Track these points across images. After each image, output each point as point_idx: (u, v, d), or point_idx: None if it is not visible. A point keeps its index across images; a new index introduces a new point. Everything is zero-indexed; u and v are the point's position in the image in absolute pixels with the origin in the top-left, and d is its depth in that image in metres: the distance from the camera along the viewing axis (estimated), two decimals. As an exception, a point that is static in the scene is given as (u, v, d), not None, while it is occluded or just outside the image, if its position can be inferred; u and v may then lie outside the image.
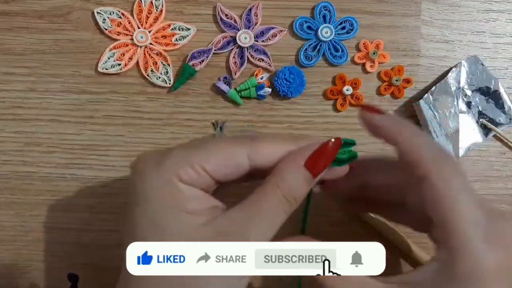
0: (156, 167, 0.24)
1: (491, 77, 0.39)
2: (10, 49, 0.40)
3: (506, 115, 0.39)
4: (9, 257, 0.39)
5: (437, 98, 0.38)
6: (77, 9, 0.40)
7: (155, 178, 0.24)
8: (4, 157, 0.40)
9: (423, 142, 0.25)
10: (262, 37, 0.39)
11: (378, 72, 0.40)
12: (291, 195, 0.24)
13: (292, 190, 0.24)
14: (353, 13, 0.39)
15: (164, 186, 0.24)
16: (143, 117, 0.39)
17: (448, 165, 0.24)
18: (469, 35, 0.40)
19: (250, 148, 0.25)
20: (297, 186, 0.25)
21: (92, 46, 0.40)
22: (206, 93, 0.40)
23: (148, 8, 0.39)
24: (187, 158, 0.24)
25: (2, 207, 0.40)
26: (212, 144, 0.25)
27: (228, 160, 0.25)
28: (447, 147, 0.38)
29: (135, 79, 0.40)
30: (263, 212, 0.24)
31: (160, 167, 0.24)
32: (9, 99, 0.40)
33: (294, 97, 0.39)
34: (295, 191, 0.24)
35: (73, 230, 0.39)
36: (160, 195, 0.24)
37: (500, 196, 0.39)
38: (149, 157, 0.25)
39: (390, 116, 0.27)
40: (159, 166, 0.24)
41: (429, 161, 0.24)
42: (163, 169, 0.24)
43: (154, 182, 0.24)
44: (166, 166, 0.24)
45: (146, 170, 0.24)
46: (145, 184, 0.24)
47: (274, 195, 0.24)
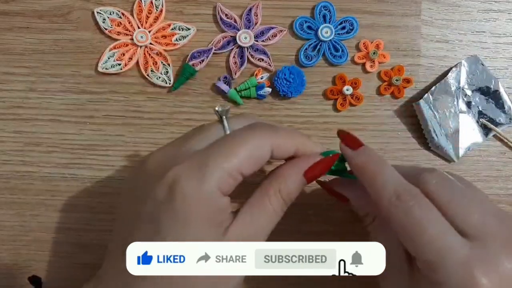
0: (197, 183, 0.23)
1: (491, 77, 0.39)
2: (10, 49, 0.40)
3: (506, 115, 0.39)
4: (9, 257, 0.39)
5: (437, 98, 0.38)
6: (77, 9, 0.40)
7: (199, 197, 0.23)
8: (4, 157, 0.40)
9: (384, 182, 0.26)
10: (262, 37, 0.39)
11: (378, 72, 0.40)
12: (289, 197, 0.26)
13: (291, 193, 0.26)
14: (353, 13, 0.39)
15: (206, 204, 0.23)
16: (143, 117, 0.39)
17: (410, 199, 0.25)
18: (469, 35, 0.40)
19: (275, 140, 0.26)
20: (295, 190, 0.26)
21: (92, 46, 0.40)
22: (206, 93, 0.40)
23: (148, 8, 0.39)
24: (226, 168, 0.24)
25: (2, 207, 0.40)
26: (243, 143, 0.25)
27: (258, 158, 0.25)
28: (447, 147, 0.38)
29: (135, 79, 0.40)
30: (267, 215, 0.25)
31: (203, 184, 0.23)
32: (9, 99, 0.40)
33: (294, 97, 0.39)
34: (293, 194, 0.26)
35: (73, 230, 0.39)
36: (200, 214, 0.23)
37: (500, 196, 0.39)
38: (184, 169, 0.24)
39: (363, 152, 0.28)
40: (201, 182, 0.23)
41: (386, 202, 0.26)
42: (206, 186, 0.23)
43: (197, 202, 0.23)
44: (208, 182, 0.23)
45: (187, 188, 0.23)
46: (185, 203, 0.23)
47: (276, 198, 0.26)
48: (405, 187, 0.26)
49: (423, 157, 0.39)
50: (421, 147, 0.39)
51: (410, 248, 0.25)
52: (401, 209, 0.25)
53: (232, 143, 0.25)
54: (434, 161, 0.39)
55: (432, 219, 0.24)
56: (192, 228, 0.23)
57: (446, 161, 0.39)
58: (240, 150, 0.24)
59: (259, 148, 0.25)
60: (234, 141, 0.25)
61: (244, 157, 0.24)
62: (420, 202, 0.25)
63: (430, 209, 0.25)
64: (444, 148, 0.38)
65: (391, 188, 0.26)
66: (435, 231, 0.24)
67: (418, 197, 0.25)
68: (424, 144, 0.39)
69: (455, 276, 0.23)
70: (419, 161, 0.39)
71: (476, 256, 0.23)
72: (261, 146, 0.25)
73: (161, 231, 0.23)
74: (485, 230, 0.24)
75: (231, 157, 0.24)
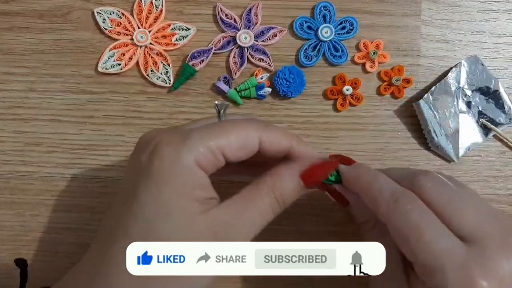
0: (176, 150, 0.24)
1: (491, 77, 0.39)
2: (10, 49, 0.40)
3: (506, 115, 0.39)
4: (9, 257, 0.39)
5: (437, 98, 0.38)
6: (77, 9, 0.40)
7: (175, 163, 0.23)
8: (4, 157, 0.40)
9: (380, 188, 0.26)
10: (262, 37, 0.39)
11: (378, 72, 0.40)
12: (282, 198, 0.26)
13: (284, 194, 0.26)
14: (353, 13, 0.39)
15: (183, 171, 0.24)
16: (143, 117, 0.39)
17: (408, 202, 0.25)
18: (469, 35, 0.40)
19: (264, 133, 0.26)
20: (289, 191, 0.26)
21: (92, 46, 0.40)
22: (206, 93, 0.40)
23: (148, 8, 0.39)
24: (208, 142, 0.24)
25: (2, 207, 0.40)
26: (230, 127, 0.25)
27: (245, 144, 0.25)
28: (447, 147, 0.38)
29: (135, 79, 0.40)
30: (255, 209, 0.25)
31: (181, 152, 0.24)
32: (9, 99, 0.40)
33: (294, 97, 0.39)
34: (286, 195, 0.26)
35: (73, 230, 0.39)
36: (175, 180, 0.23)
37: (500, 196, 0.39)
38: (167, 137, 0.24)
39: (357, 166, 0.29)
40: (180, 150, 0.24)
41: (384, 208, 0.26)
42: (184, 154, 0.24)
43: (173, 167, 0.23)
44: (188, 151, 0.24)
45: (165, 153, 0.24)
46: (162, 167, 0.23)
47: (268, 195, 0.25)
48: (402, 191, 0.26)
49: (423, 157, 0.39)
50: (421, 147, 0.39)
51: (407, 253, 0.25)
52: (399, 213, 0.25)
53: (220, 126, 0.25)
54: (434, 161, 0.39)
55: (429, 222, 0.24)
56: (166, 193, 0.23)
57: (446, 161, 0.39)
58: (227, 133, 0.25)
59: (246, 135, 0.25)
60: (223, 124, 0.26)
61: (229, 139, 0.25)
62: (417, 205, 0.25)
63: (427, 213, 0.25)
64: (444, 148, 0.38)
65: (388, 192, 0.26)
66: (432, 235, 0.24)
67: (415, 200, 0.25)
68: (424, 144, 0.39)
69: (454, 280, 0.23)
70: (419, 161, 0.39)
71: (474, 258, 0.23)
72: (249, 134, 0.25)
73: (137, 194, 0.23)
74: (482, 232, 0.24)
75: (216, 136, 0.24)
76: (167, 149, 0.24)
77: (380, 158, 0.39)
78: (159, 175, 0.23)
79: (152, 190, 0.23)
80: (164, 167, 0.23)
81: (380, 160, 0.39)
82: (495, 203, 0.39)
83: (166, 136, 0.25)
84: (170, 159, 0.23)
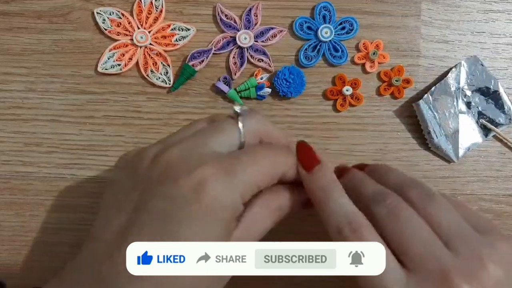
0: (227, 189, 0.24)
1: (491, 77, 0.39)
2: (10, 49, 0.40)
3: (506, 115, 0.39)
4: (9, 257, 0.39)
5: (437, 98, 0.38)
6: (77, 9, 0.40)
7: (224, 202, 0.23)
8: (4, 157, 0.40)
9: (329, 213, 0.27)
10: (262, 37, 0.39)
11: (378, 72, 0.40)
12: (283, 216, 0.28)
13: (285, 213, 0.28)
14: (353, 13, 0.39)
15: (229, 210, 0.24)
16: (143, 117, 0.39)
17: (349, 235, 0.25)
18: (468, 35, 0.40)
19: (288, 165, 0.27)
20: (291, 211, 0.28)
21: (92, 46, 0.40)
22: (206, 93, 0.40)
23: (148, 8, 0.39)
24: (251, 180, 0.25)
25: (2, 207, 0.39)
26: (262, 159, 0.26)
27: (274, 176, 0.26)
28: (447, 147, 0.38)
29: (135, 79, 0.40)
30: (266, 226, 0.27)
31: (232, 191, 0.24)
32: (9, 99, 0.40)
33: (294, 97, 0.39)
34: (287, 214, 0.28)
35: (73, 230, 0.39)
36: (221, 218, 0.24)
37: (499, 196, 0.39)
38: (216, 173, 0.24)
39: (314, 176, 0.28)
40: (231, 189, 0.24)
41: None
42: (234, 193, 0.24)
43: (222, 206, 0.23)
44: (237, 190, 0.24)
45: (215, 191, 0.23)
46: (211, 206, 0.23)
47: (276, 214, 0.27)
48: (348, 220, 0.25)
49: (423, 158, 0.39)
50: (421, 147, 0.39)
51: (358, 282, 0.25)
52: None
53: (256, 158, 0.26)
54: (434, 161, 0.39)
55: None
56: (210, 231, 0.23)
57: (446, 161, 0.39)
58: (262, 166, 0.26)
59: (277, 168, 0.27)
60: (258, 156, 0.26)
61: (264, 173, 0.26)
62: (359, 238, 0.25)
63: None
64: (444, 149, 0.38)
65: (334, 221, 0.26)
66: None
67: (359, 231, 0.25)
68: (424, 144, 0.39)
69: None
70: (419, 161, 0.39)
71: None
72: (278, 167, 0.27)
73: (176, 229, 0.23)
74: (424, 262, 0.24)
75: (256, 172, 0.25)
76: (217, 186, 0.23)
77: (380, 158, 0.39)
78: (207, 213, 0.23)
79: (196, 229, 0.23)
80: (214, 205, 0.23)
81: (380, 161, 0.39)
82: (495, 203, 0.39)
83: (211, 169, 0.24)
84: (220, 198, 0.23)
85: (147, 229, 0.23)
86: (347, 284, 0.38)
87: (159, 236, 0.23)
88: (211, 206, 0.23)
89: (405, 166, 0.39)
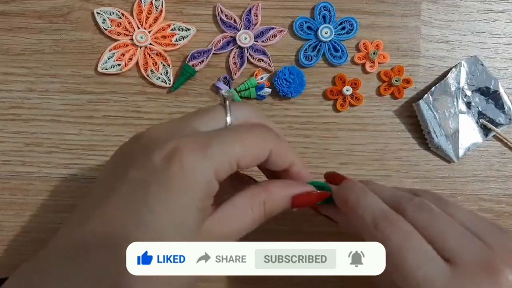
0: (197, 160, 0.23)
1: (491, 77, 0.39)
2: (10, 49, 0.40)
3: (506, 115, 0.39)
4: (9, 257, 0.39)
5: (437, 98, 0.38)
6: (77, 9, 0.40)
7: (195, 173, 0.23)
8: (4, 157, 0.40)
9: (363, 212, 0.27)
10: (262, 37, 0.39)
11: (378, 72, 0.40)
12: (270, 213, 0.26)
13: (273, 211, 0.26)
14: (353, 13, 0.39)
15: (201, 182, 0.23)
16: (143, 117, 0.39)
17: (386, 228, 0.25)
18: (468, 35, 0.40)
19: (275, 145, 0.26)
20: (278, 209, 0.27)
21: (92, 46, 0.40)
22: (206, 93, 0.40)
23: (148, 8, 0.39)
24: (228, 154, 0.24)
25: (2, 207, 0.39)
26: (247, 136, 0.25)
27: (259, 155, 0.25)
28: (447, 147, 0.38)
29: (135, 79, 0.40)
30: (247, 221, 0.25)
31: (203, 162, 0.23)
32: (9, 99, 0.40)
33: (294, 97, 0.39)
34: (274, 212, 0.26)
35: (72, 230, 0.39)
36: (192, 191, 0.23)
37: (500, 197, 0.39)
38: (187, 142, 0.23)
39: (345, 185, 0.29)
40: (201, 161, 0.23)
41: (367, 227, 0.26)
42: (206, 165, 0.23)
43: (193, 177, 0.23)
44: (209, 162, 0.23)
45: (186, 161, 0.23)
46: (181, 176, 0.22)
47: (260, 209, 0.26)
48: (384, 214, 0.26)
49: (423, 158, 0.39)
50: (421, 147, 0.39)
51: (394, 278, 0.25)
52: (379, 239, 0.25)
53: (238, 134, 0.25)
54: (434, 161, 0.39)
55: (410, 248, 0.24)
56: (182, 203, 0.23)
57: (446, 161, 0.39)
58: (244, 143, 0.24)
59: (261, 147, 0.25)
60: (240, 132, 0.25)
61: (246, 150, 0.24)
62: (398, 230, 0.25)
63: (409, 237, 0.25)
64: (444, 149, 0.38)
65: (369, 217, 0.26)
66: (413, 261, 0.24)
67: (396, 224, 0.25)
68: (424, 144, 0.39)
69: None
70: (419, 161, 0.39)
71: (455, 283, 0.23)
72: (263, 146, 0.25)
73: (148, 200, 0.23)
74: (464, 254, 0.24)
75: (235, 146, 0.24)
76: (188, 158, 0.23)
77: (380, 158, 0.39)
78: (175, 184, 0.23)
79: (165, 199, 0.23)
80: (183, 176, 0.23)
81: (380, 161, 0.39)
82: (495, 203, 0.39)
83: (185, 140, 0.23)
84: (190, 169, 0.23)
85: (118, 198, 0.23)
86: (347, 284, 0.38)
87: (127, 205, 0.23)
88: (180, 176, 0.23)
89: (405, 166, 0.39)
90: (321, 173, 0.39)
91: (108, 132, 0.39)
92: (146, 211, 0.23)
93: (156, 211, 0.22)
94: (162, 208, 0.22)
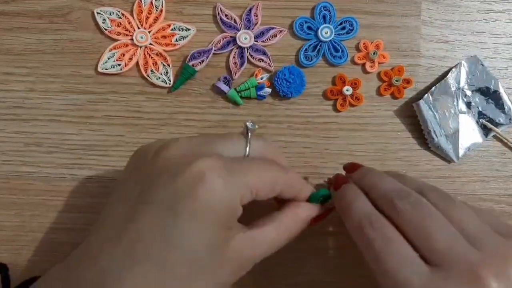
0: (225, 185, 0.23)
1: (491, 77, 0.39)
2: (10, 49, 0.40)
3: (506, 115, 0.39)
4: (9, 257, 0.39)
5: (437, 98, 0.38)
6: (77, 9, 0.40)
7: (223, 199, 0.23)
8: (4, 157, 0.40)
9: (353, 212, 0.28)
10: (262, 37, 0.39)
11: (378, 72, 0.40)
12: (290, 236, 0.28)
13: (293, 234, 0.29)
14: (353, 13, 0.39)
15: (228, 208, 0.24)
16: (143, 117, 0.39)
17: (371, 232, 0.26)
18: (468, 35, 0.40)
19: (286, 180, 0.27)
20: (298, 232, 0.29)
21: (92, 46, 0.40)
22: (206, 93, 0.40)
23: (148, 8, 0.39)
24: (251, 182, 0.25)
25: (2, 207, 0.39)
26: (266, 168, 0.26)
27: (275, 186, 0.27)
28: (447, 147, 0.38)
29: (135, 79, 0.40)
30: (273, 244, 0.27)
31: (231, 188, 0.24)
32: (9, 99, 0.40)
33: (294, 97, 0.39)
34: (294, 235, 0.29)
35: (73, 230, 0.39)
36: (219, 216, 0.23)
37: (500, 197, 0.39)
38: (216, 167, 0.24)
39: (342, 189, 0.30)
40: (229, 187, 0.24)
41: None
42: (233, 191, 0.24)
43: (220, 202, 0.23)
44: (236, 188, 0.24)
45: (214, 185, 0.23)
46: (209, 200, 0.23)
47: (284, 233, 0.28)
48: (369, 220, 0.26)
49: (423, 158, 0.39)
50: (421, 147, 0.39)
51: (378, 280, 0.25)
52: (364, 242, 0.26)
53: (259, 165, 0.26)
54: (434, 161, 0.39)
55: (391, 251, 0.25)
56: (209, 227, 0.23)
57: (446, 161, 0.39)
58: (264, 173, 0.26)
59: (276, 180, 0.27)
60: (261, 163, 0.26)
61: (264, 180, 0.26)
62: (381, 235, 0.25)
63: (391, 241, 0.25)
64: (444, 149, 0.38)
65: (356, 222, 0.27)
66: (393, 264, 0.24)
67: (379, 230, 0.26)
68: (424, 144, 0.39)
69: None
70: (419, 161, 0.39)
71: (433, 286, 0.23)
72: (278, 179, 0.27)
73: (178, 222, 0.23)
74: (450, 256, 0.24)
75: (257, 176, 0.25)
76: (216, 180, 0.23)
77: (380, 158, 0.39)
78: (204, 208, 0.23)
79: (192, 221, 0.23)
80: (211, 200, 0.23)
81: (380, 161, 0.39)
82: (495, 203, 0.39)
83: (211, 164, 0.24)
84: (218, 194, 0.23)
85: (146, 218, 0.23)
86: (347, 284, 0.38)
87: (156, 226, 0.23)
88: (207, 200, 0.23)
89: (405, 166, 0.39)
90: (321, 173, 0.39)
91: (108, 132, 0.39)
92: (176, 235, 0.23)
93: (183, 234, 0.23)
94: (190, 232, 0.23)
